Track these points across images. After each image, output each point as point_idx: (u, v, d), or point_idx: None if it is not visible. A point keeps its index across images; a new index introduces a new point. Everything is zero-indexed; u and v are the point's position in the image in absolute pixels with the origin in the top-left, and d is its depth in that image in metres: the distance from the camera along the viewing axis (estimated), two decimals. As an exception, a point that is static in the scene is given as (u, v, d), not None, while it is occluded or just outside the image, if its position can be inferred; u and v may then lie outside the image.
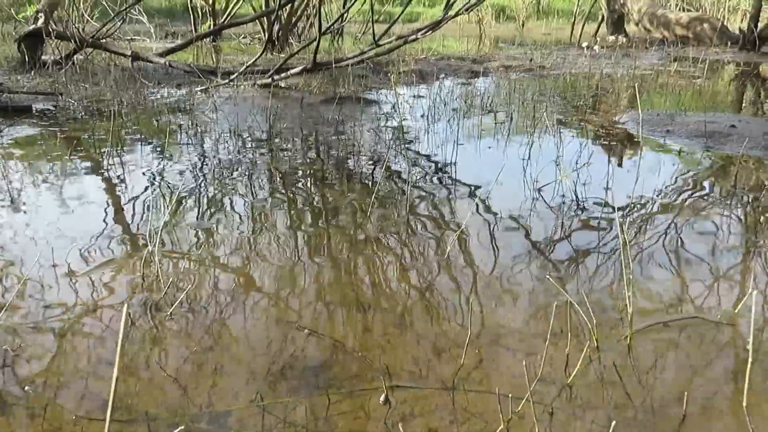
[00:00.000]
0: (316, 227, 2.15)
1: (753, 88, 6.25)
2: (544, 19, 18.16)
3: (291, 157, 3.09)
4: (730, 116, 4.17)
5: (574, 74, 6.85)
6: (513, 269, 1.82)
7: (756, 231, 2.12)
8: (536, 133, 3.64)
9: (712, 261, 1.88)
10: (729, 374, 1.35)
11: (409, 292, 1.69)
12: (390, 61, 6.85)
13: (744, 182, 2.70)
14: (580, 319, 1.50)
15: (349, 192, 2.52)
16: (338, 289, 1.70)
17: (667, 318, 1.54)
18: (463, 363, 1.37)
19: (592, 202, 2.40)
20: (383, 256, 1.91)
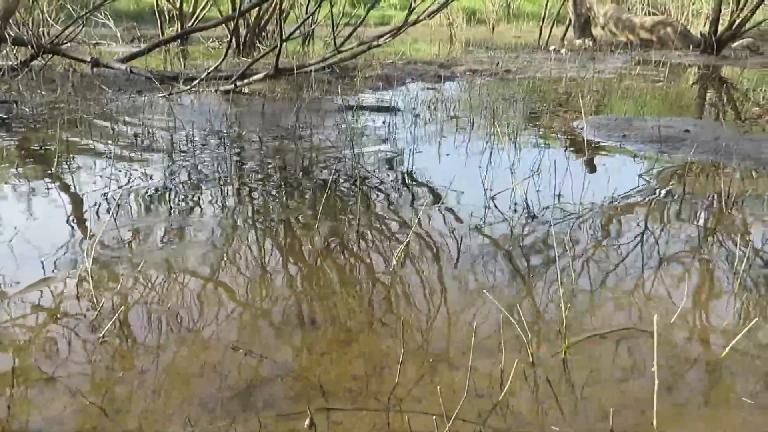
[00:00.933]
0: (261, 241, 2.11)
1: (711, 91, 6.38)
2: (515, 22, 18.35)
3: (244, 167, 3.05)
4: (686, 120, 4.25)
5: (538, 78, 6.92)
6: (454, 283, 1.81)
7: (699, 239, 2.15)
8: (495, 139, 3.65)
9: (652, 270, 1.90)
10: (659, 387, 1.36)
11: (352, 308, 1.68)
12: (356, 66, 6.84)
13: (691, 188, 2.75)
14: (517, 333, 1.50)
15: (300, 203, 2.49)
16: (279, 306, 1.68)
17: (603, 330, 1.55)
18: (398, 381, 1.35)
19: (540, 211, 2.41)
20: (328, 271, 1.89)
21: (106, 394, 1.30)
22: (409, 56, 8.32)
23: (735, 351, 1.46)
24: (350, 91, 5.52)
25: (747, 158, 3.21)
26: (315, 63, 5.17)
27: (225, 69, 6.31)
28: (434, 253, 2.02)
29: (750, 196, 2.61)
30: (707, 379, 1.39)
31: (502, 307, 1.57)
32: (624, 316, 1.63)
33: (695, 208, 2.46)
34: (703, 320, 1.62)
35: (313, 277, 1.85)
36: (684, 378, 1.39)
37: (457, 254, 2.01)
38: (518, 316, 1.56)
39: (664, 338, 1.53)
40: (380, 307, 1.69)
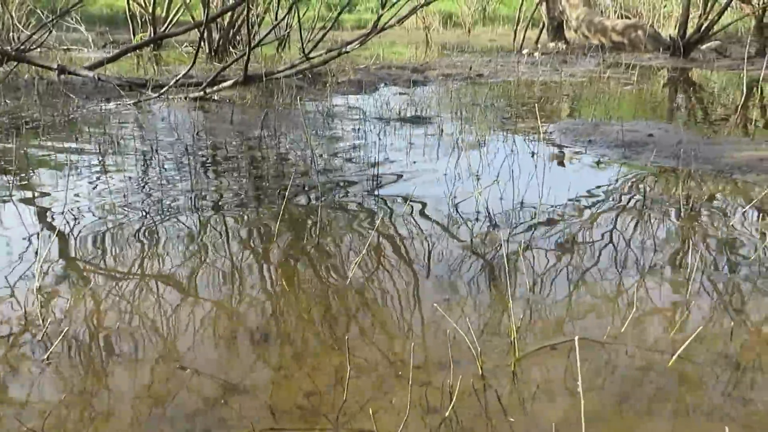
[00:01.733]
0: (216, 256, 2.09)
1: (678, 94, 6.49)
2: (490, 25, 18.49)
3: (206, 177, 3.01)
4: (650, 124, 4.31)
5: (510, 82, 6.97)
6: (408, 296, 1.81)
7: (655, 246, 2.18)
8: (463, 145, 3.67)
9: (606, 278, 1.92)
10: (609, 396, 1.37)
11: (305, 323, 1.66)
12: (329, 71, 6.82)
13: (649, 195, 2.78)
14: (467, 346, 1.50)
15: (259, 215, 2.47)
16: (231, 323, 1.66)
17: (553, 341, 1.56)
18: (345, 399, 1.34)
19: (499, 219, 2.42)
20: (283, 285, 1.87)
21: (47, 417, 1.27)
22: (383, 60, 8.33)
23: (682, 359, 1.48)
24: (322, 97, 5.51)
25: (707, 163, 3.27)
26: (284, 70, 5.15)
27: (197, 75, 6.27)
28: (390, 265, 2.01)
29: (706, 202, 2.65)
30: (654, 388, 1.40)
31: (452, 321, 1.57)
32: (577, 325, 1.64)
33: (651, 216, 2.49)
34: (654, 329, 1.63)
35: (267, 291, 1.84)
36: (630, 388, 1.40)
37: (413, 266, 2.01)
38: (469, 328, 1.56)
39: (613, 347, 1.55)
40: (334, 321, 1.68)
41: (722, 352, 1.53)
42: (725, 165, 3.20)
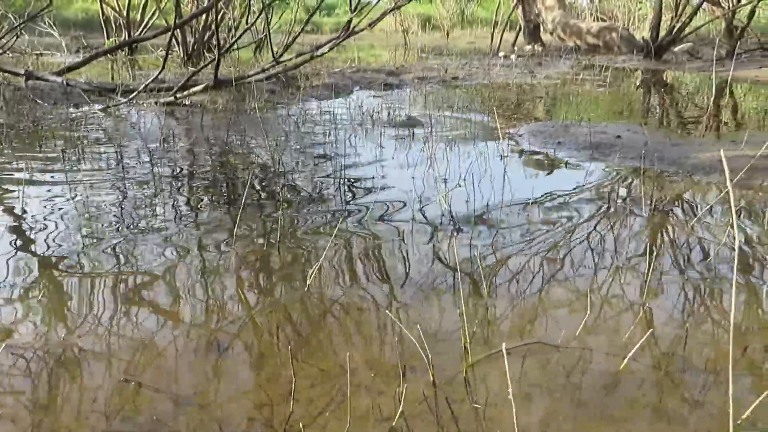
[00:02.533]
0: (171, 264, 2.05)
1: (649, 96, 6.56)
2: (469, 28, 18.59)
3: (168, 185, 2.97)
4: (619, 126, 4.34)
5: (484, 85, 7.00)
6: (363, 303, 1.79)
7: (615, 248, 2.18)
8: (432, 149, 3.66)
9: (563, 281, 1.91)
10: (562, 401, 1.36)
11: (261, 332, 1.63)
12: (304, 75, 6.79)
13: (612, 197, 2.80)
14: (419, 353, 1.48)
15: (219, 221, 2.43)
16: (183, 332, 1.62)
17: (508, 345, 1.55)
18: (292, 410, 1.32)
19: (462, 222, 2.42)
20: (239, 293, 1.84)
21: (-20, 438, 1.23)
22: (362, 63, 8.32)
23: (634, 361, 1.48)
24: (294, 101, 5.47)
25: (672, 164, 3.30)
26: (254, 74, 5.11)
27: (170, 80, 6.19)
28: (348, 272, 1.99)
29: (668, 203, 2.67)
30: (606, 392, 1.40)
31: (404, 327, 1.55)
32: (532, 329, 1.64)
33: (612, 218, 2.50)
34: (609, 331, 1.63)
35: (222, 300, 1.80)
36: (583, 392, 1.39)
37: (371, 273, 1.99)
38: (420, 335, 1.54)
39: (568, 351, 1.54)
40: (288, 331, 1.65)
41: (676, 353, 1.53)
42: (689, 166, 3.24)
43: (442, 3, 19.41)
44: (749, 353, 1.53)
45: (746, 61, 9.19)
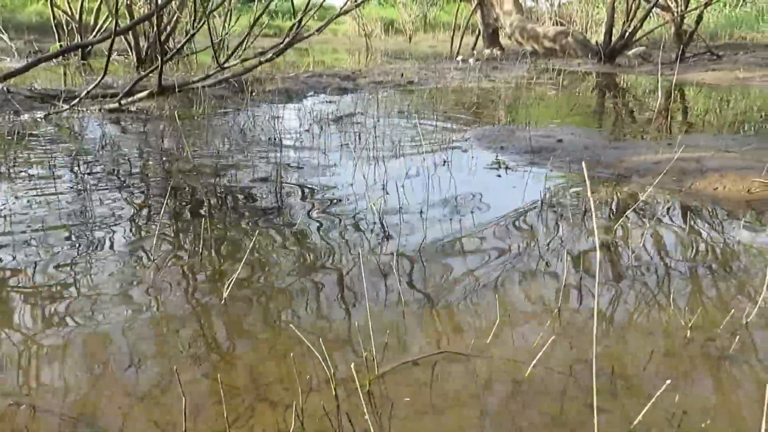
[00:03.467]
0: (78, 277, 1.98)
1: (598, 99, 6.69)
2: (431, 31, 18.73)
3: (100, 195, 2.88)
4: (564, 129, 4.41)
5: (440, 89, 7.04)
6: (276, 315, 1.76)
7: (540, 254, 2.20)
8: (377, 154, 3.65)
9: (477, 288, 1.91)
10: (468, 411, 1.35)
11: (174, 346, 1.59)
12: (257, 79, 6.72)
13: (545, 201, 2.82)
14: (322, 365, 1.45)
15: (146, 230, 2.37)
16: (86, 350, 1.57)
17: (416, 356, 1.54)
18: (186, 428, 1.28)
19: (393, 229, 2.41)
20: (157, 305, 1.79)
21: None
22: (314, 69, 8.27)
23: (540, 368, 1.49)
24: (244, 107, 5.40)
25: (608, 167, 3.35)
26: (198, 80, 5.02)
27: (119, 86, 6.05)
28: (267, 281, 1.96)
29: (598, 206, 2.71)
30: (512, 399, 1.40)
31: (307, 340, 1.52)
32: (442, 339, 1.63)
33: (539, 223, 2.51)
34: (520, 338, 1.63)
35: (139, 311, 1.75)
36: (490, 400, 1.39)
37: (287, 284, 1.96)
38: (322, 347, 1.52)
39: (477, 360, 1.54)
40: (203, 343, 1.61)
41: (583, 359, 1.54)
42: (625, 169, 3.29)
43: (404, 7, 19.51)
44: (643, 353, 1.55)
45: (694, 65, 9.46)
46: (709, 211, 2.66)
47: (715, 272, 2.03)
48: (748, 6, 13.50)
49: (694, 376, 1.47)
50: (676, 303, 1.81)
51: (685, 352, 1.58)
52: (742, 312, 1.74)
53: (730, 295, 1.88)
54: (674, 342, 1.62)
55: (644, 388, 1.42)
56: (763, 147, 3.71)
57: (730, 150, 3.59)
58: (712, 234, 2.38)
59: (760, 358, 1.55)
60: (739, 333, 1.65)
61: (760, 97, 6.42)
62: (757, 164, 3.15)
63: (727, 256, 2.17)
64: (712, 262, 2.11)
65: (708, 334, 1.65)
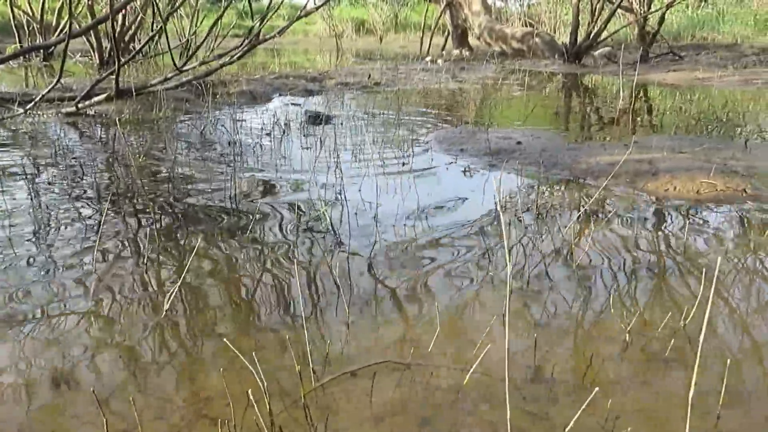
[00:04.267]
0: (11, 290, 1.93)
1: (562, 100, 6.76)
2: (402, 32, 18.75)
3: (47, 203, 2.81)
4: (524, 131, 4.44)
5: (406, 91, 7.04)
6: (217, 328, 1.73)
7: (489, 259, 2.21)
8: (337, 157, 3.63)
9: (423, 297, 1.91)
10: (410, 421, 1.34)
11: (112, 362, 1.55)
12: (221, 82, 6.65)
13: (501, 204, 2.84)
14: (256, 380, 1.43)
15: (89, 239, 2.31)
16: (22, 365, 1.52)
17: (354, 366, 1.53)
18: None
19: (342, 236, 2.39)
20: (95, 320, 1.75)
21: None
22: (295, 68, 8.20)
23: (480, 375, 1.49)
24: (207, 110, 5.32)
25: (565, 169, 3.39)
26: (157, 82, 4.94)
27: (77, 89, 5.91)
28: (209, 293, 1.93)
29: (551, 210, 2.73)
30: (451, 406, 1.40)
31: (241, 354, 1.50)
32: (384, 348, 1.62)
33: (491, 228, 2.53)
34: (461, 347, 1.63)
35: (76, 326, 1.70)
36: (430, 409, 1.39)
37: (225, 296, 1.93)
38: (255, 361, 1.50)
39: (418, 368, 1.53)
40: (140, 359, 1.57)
41: (524, 364, 1.55)
42: (580, 171, 3.33)
43: (375, 7, 19.50)
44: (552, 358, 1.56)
45: (656, 65, 9.64)
46: (658, 213, 2.70)
47: (657, 274, 2.06)
48: (709, 7, 13.82)
49: (630, 380, 1.49)
50: (618, 306, 1.84)
51: (625, 355, 1.60)
52: (680, 314, 1.77)
53: (670, 298, 1.91)
54: (614, 346, 1.64)
55: (583, 393, 1.43)
56: (714, 147, 3.79)
57: (684, 150, 3.66)
58: (657, 236, 2.42)
59: (694, 360, 1.57)
60: (677, 335, 1.67)
61: (717, 97, 6.57)
62: (707, 164, 3.22)
63: (669, 257, 2.21)
64: (655, 264, 2.15)
65: (646, 337, 1.67)
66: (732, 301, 1.88)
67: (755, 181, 3.05)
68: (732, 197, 2.85)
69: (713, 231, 2.46)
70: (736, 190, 2.92)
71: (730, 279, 2.03)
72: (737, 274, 2.07)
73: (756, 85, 7.31)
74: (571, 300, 1.88)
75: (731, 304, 1.86)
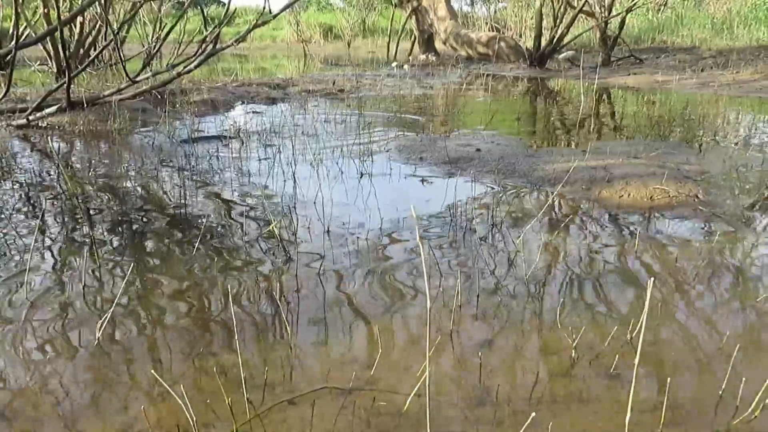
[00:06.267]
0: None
1: (524, 105, 6.81)
2: (370, 37, 18.72)
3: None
4: (484, 138, 4.44)
5: (370, 97, 7.01)
6: (149, 357, 1.66)
7: (439, 275, 2.17)
8: (294, 168, 3.57)
9: (364, 316, 1.87)
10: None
11: (46, 392, 1.46)
12: (182, 90, 6.52)
13: (458, 214, 2.81)
14: (184, 412, 1.37)
15: (21, 255, 2.21)
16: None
17: (292, 394, 1.47)
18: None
19: (290, 253, 2.34)
20: (27, 349, 1.66)
21: None
22: (244, 78, 8.10)
23: (422, 399, 1.45)
24: (164, 120, 5.20)
25: (522, 176, 3.39)
26: (109, 94, 4.81)
27: (31, 100, 5.73)
28: (145, 318, 1.85)
29: (506, 218, 2.71)
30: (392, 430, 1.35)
31: (166, 383, 1.43)
32: (324, 373, 1.57)
33: (441, 239, 2.50)
34: (402, 370, 1.59)
35: (5, 351, 1.61)
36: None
37: (166, 320, 1.86)
38: (183, 391, 1.43)
39: (358, 393, 1.48)
40: (72, 388, 1.49)
41: (469, 386, 1.51)
42: (538, 178, 3.33)
43: (343, 12, 19.46)
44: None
45: (618, 68, 9.80)
46: (611, 221, 2.71)
47: (604, 285, 2.05)
48: (669, 11, 14.13)
49: (575, 398, 1.47)
50: (564, 320, 1.82)
51: (571, 372, 1.58)
52: (626, 327, 1.76)
53: (617, 310, 1.90)
54: (560, 362, 1.61)
55: (527, 412, 1.40)
56: (668, 152, 3.84)
57: (639, 156, 3.69)
58: (611, 245, 2.42)
59: (640, 374, 1.56)
60: (623, 349, 1.66)
61: (675, 101, 6.69)
62: (660, 170, 3.25)
63: (621, 268, 2.20)
64: (606, 274, 2.14)
65: (593, 352, 1.66)
66: (678, 311, 1.88)
67: (707, 186, 3.09)
68: (684, 203, 2.88)
69: (665, 239, 2.47)
70: (688, 196, 2.94)
71: (680, 288, 2.03)
72: (686, 283, 2.07)
73: (712, 88, 7.48)
74: (518, 314, 1.85)
75: (676, 316, 1.86)
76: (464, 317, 1.84)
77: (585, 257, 2.28)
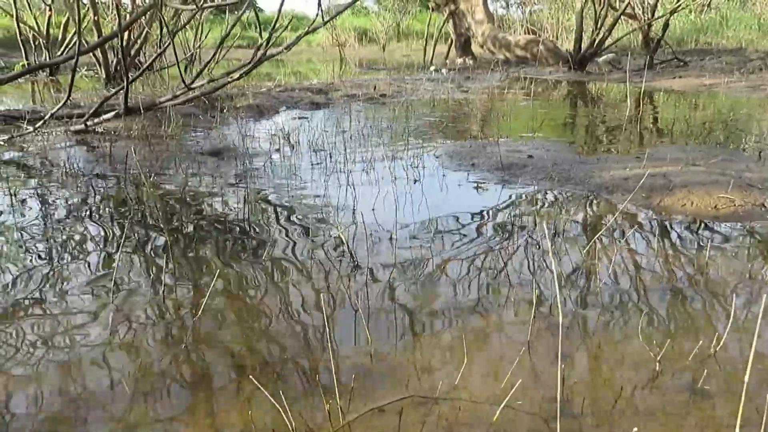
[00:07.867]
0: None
1: (569, 109, 6.74)
2: (405, 40, 18.80)
3: (52, 226, 2.80)
4: (534, 144, 4.42)
5: (412, 102, 7.03)
6: (237, 361, 1.71)
7: (510, 282, 2.18)
8: (347, 174, 3.61)
9: (447, 325, 1.88)
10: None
11: (125, 401, 1.52)
12: (228, 96, 6.65)
13: (516, 221, 2.81)
14: (281, 418, 1.40)
15: (105, 268, 2.29)
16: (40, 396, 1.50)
17: (381, 402, 1.50)
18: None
19: (359, 259, 2.37)
20: (117, 351, 1.73)
21: None
22: (285, 82, 8.21)
23: (513, 410, 1.46)
24: (214, 125, 5.32)
25: (578, 184, 3.36)
26: (165, 100, 4.94)
27: (86, 105, 5.92)
28: (230, 322, 1.90)
29: (567, 227, 2.70)
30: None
31: (266, 390, 1.47)
32: (410, 382, 1.59)
33: (506, 248, 2.49)
34: (487, 380, 1.60)
35: (97, 353, 1.68)
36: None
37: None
38: (282, 397, 1.47)
39: (446, 403, 1.50)
40: (162, 393, 1.55)
41: (551, 397, 1.51)
42: (594, 185, 3.30)
43: (377, 16, 19.56)
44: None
45: (662, 71, 9.62)
46: (678, 230, 2.67)
47: (683, 298, 2.03)
48: (712, 12, 13.81)
49: (663, 411, 1.46)
50: (645, 333, 1.80)
51: (654, 385, 1.57)
52: (710, 341, 1.74)
53: (699, 323, 1.87)
54: (643, 375, 1.60)
55: (614, 426, 1.40)
56: (728, 159, 3.76)
57: (697, 163, 3.62)
58: (681, 255, 2.39)
59: (727, 389, 1.54)
60: (707, 363, 1.64)
61: (725, 104, 6.54)
62: (723, 178, 3.19)
63: (695, 279, 2.17)
64: (681, 286, 2.11)
65: (677, 365, 1.64)
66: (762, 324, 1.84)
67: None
68: (751, 212, 2.82)
69: (735, 249, 2.42)
70: (754, 205, 2.88)
71: (759, 300, 1.99)
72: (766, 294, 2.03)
73: (764, 92, 7.28)
74: (597, 326, 1.85)
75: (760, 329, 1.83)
76: (541, 331, 1.84)
77: (657, 268, 2.26)
